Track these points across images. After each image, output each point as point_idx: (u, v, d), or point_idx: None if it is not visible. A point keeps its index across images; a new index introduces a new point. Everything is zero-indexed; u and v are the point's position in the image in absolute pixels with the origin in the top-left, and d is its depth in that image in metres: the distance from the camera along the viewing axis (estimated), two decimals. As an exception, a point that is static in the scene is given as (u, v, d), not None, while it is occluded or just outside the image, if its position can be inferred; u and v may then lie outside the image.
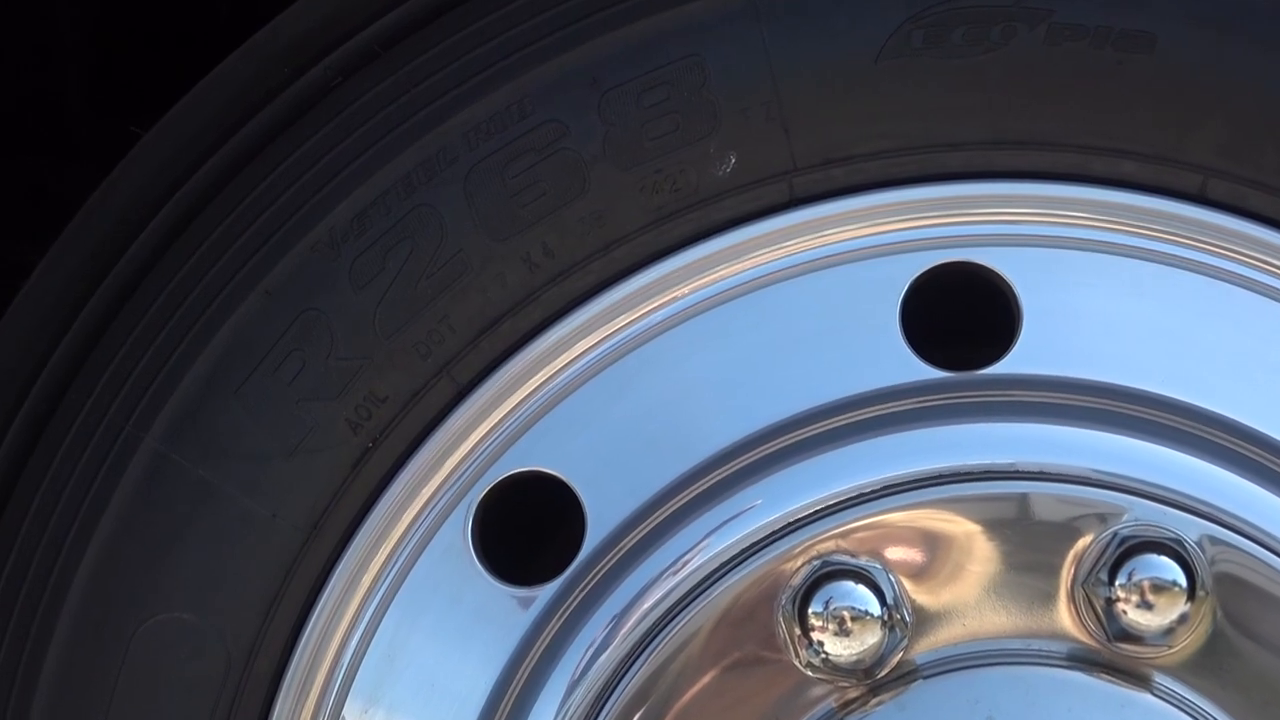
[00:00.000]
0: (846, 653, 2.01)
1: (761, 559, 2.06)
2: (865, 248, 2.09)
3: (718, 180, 2.06)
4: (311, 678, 2.09)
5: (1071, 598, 2.06)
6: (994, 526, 2.06)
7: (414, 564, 2.10)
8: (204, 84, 2.12)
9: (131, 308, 2.12)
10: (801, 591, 2.04)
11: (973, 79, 2.04)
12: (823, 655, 2.02)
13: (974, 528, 2.06)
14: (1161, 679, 2.04)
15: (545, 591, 2.09)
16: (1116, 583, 2.02)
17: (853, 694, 2.04)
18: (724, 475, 2.08)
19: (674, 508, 2.08)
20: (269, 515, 2.09)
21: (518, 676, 2.07)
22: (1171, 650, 2.03)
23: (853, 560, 2.05)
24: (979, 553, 2.07)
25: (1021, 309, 2.08)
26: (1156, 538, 2.02)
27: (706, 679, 2.05)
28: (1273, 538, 2.03)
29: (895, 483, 2.06)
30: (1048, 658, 2.04)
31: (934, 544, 2.07)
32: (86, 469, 2.12)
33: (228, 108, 2.11)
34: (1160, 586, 2.01)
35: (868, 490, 2.06)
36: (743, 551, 2.06)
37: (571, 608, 2.08)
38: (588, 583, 2.09)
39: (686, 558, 2.07)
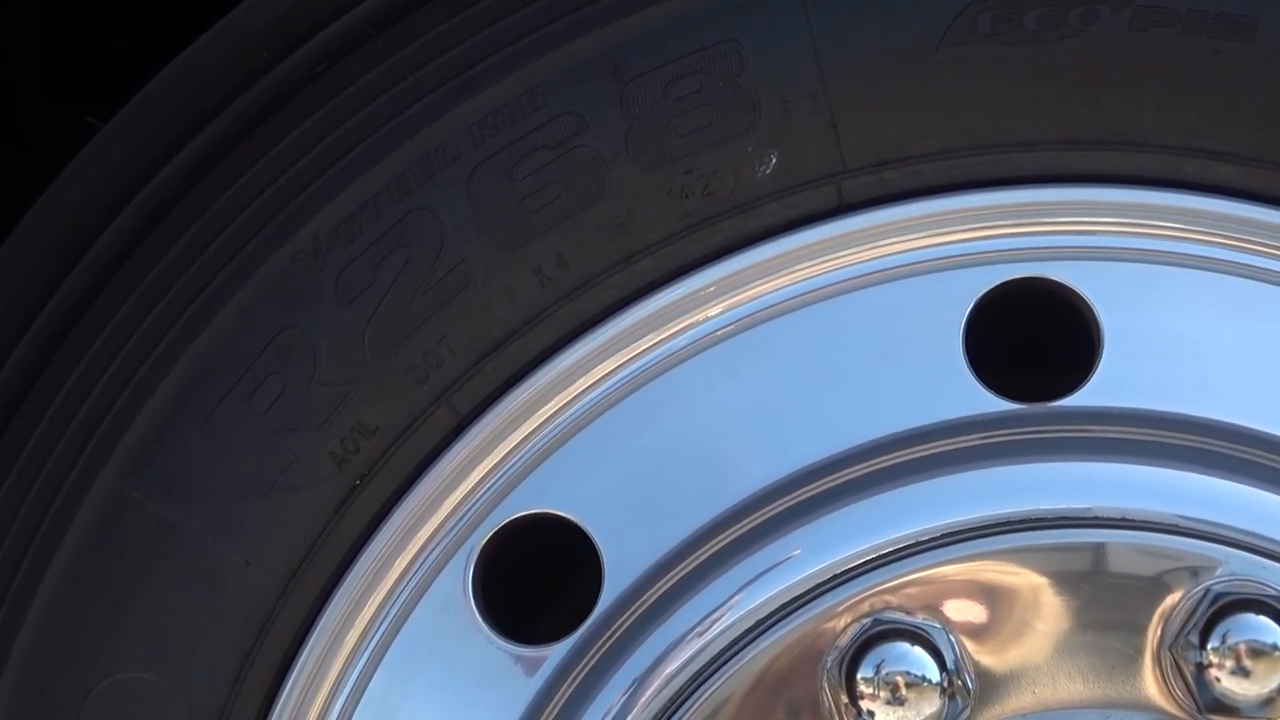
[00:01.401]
0: (901, 724, 1.99)
1: (803, 616, 2.03)
2: (924, 261, 2.06)
3: (756, 183, 2.04)
4: (289, 750, 2.11)
5: (1157, 662, 2.02)
6: (1068, 580, 2.02)
7: (407, 618, 2.08)
8: (170, 69, 2.10)
9: (86, 324, 2.11)
10: (849, 654, 2.00)
11: (1047, 69, 2.02)
12: (873, 727, 2.00)
13: (1045, 582, 2.02)
14: (1259, 756, 2.01)
15: (555, 652, 2.07)
16: (1209, 646, 1.98)
17: (907, 770, 2.02)
18: (761, 521, 2.05)
19: (703, 557, 2.05)
20: (241, 561, 2.08)
21: (524, 750, 2.08)
22: (1271, 724, 2.01)
23: (908, 618, 2.01)
24: (1051, 610, 2.03)
25: (1102, 332, 2.04)
26: (1255, 595, 1.99)
27: (740, 754, 2.04)
28: (1387, 596, 2.00)
29: (956, 530, 2.03)
30: (1129, 731, 2.03)
31: (1000, 600, 2.03)
32: (34, 507, 2.12)
33: (197, 96, 2.09)
34: (1259, 650, 1.97)
35: (925, 538, 2.02)
36: (782, 608, 2.03)
37: (585, 671, 2.06)
38: (604, 642, 2.06)
39: (717, 615, 2.04)
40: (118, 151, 2.09)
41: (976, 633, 2.01)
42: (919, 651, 1.97)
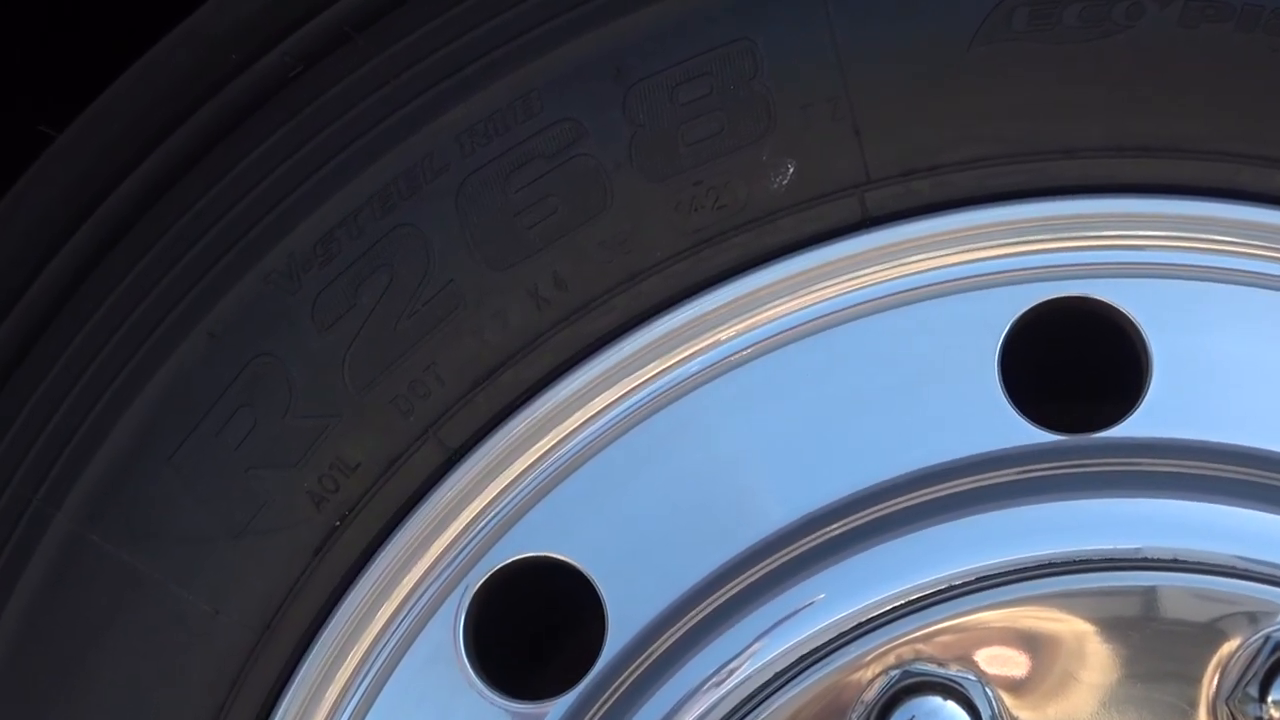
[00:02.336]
0: (933, 784, 2.03)
1: (826, 668, 2.00)
2: (956, 280, 2.03)
3: (772, 195, 2.02)
4: (262, 819, 2.14)
5: (1213, 716, 2.00)
6: (1115, 628, 2.00)
7: (392, 672, 2.06)
8: (131, 74, 2.09)
9: (39, 354, 2.10)
10: (877, 708, 1.98)
11: (1090, 69, 1.99)
12: (904, 787, 2.03)
13: (1090, 629, 2.00)
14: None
15: (555, 708, 2.05)
16: (1269, 699, 1.96)
17: (941, 836, 2.06)
18: (780, 563, 2.03)
19: (717, 603, 2.02)
20: (210, 611, 2.06)
21: (520, 817, 2.11)
22: (1337, 784, 2.02)
23: (940, 670, 1.99)
24: (1096, 661, 2.00)
25: (1150, 356, 2.01)
26: (1320, 643, 2.02)
27: (758, 818, 2.07)
28: None
29: (993, 573, 1.99)
30: (1182, 792, 2.05)
31: (1041, 650, 2.00)
32: (-14, 552, 2.15)
33: (159, 104, 2.08)
34: (1324, 703, 2.01)
35: (959, 582, 1.99)
36: (803, 658, 2.00)
37: (588, 730, 2.09)
38: (609, 697, 2.04)
39: (733, 666, 2.01)
40: (74, 165, 2.08)
41: (1015, 685, 2.00)
42: (952, 706, 1.96)
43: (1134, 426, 2.00)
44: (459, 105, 2.02)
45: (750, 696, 1.99)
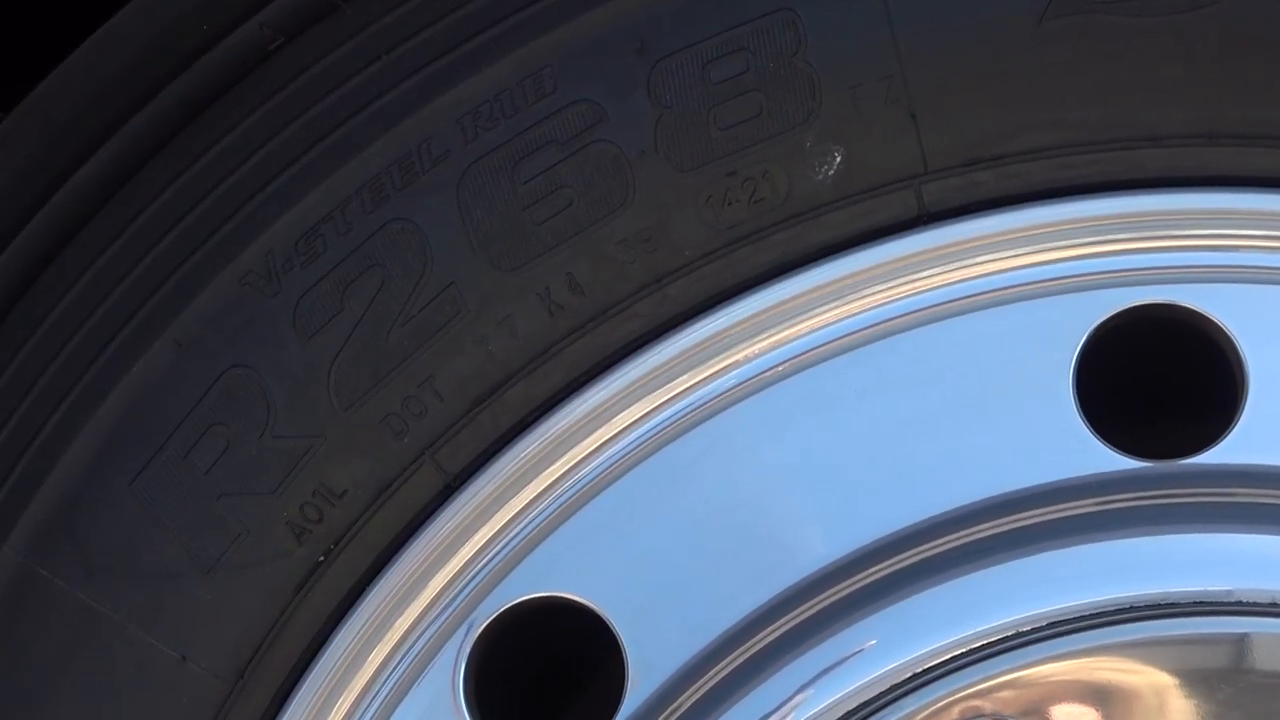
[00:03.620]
0: None
1: None
2: (1025, 284, 1.95)
3: (816, 187, 1.94)
4: None
5: None
6: (1203, 681, 1.93)
7: None
8: (86, 49, 2.04)
9: None
10: None
11: (1177, 46, 1.92)
12: None
13: (1174, 682, 1.93)
14: None
15: None
16: None
17: None
18: (824, 606, 1.97)
19: (753, 651, 1.97)
20: (177, 657, 2.01)
21: None
22: None
23: None
24: (1181, 717, 1.93)
25: (1245, 372, 1.94)
26: None
27: None
28: None
29: (1066, 618, 1.92)
30: None
31: (1117, 705, 1.93)
32: (-79, 589, 2.13)
33: (119, 83, 2.03)
34: None
35: (1027, 628, 1.92)
36: (852, 713, 1.94)
37: (606, 793, 2.08)
38: None
39: None
40: (23, 150, 2.04)
41: (1090, 744, 1.99)
42: (1019, 767, 1.96)
43: (1226, 452, 1.93)
44: (460, 85, 1.97)
45: (793, 756, 1.99)
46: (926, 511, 1.96)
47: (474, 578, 2.01)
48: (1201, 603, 1.91)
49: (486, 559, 2.01)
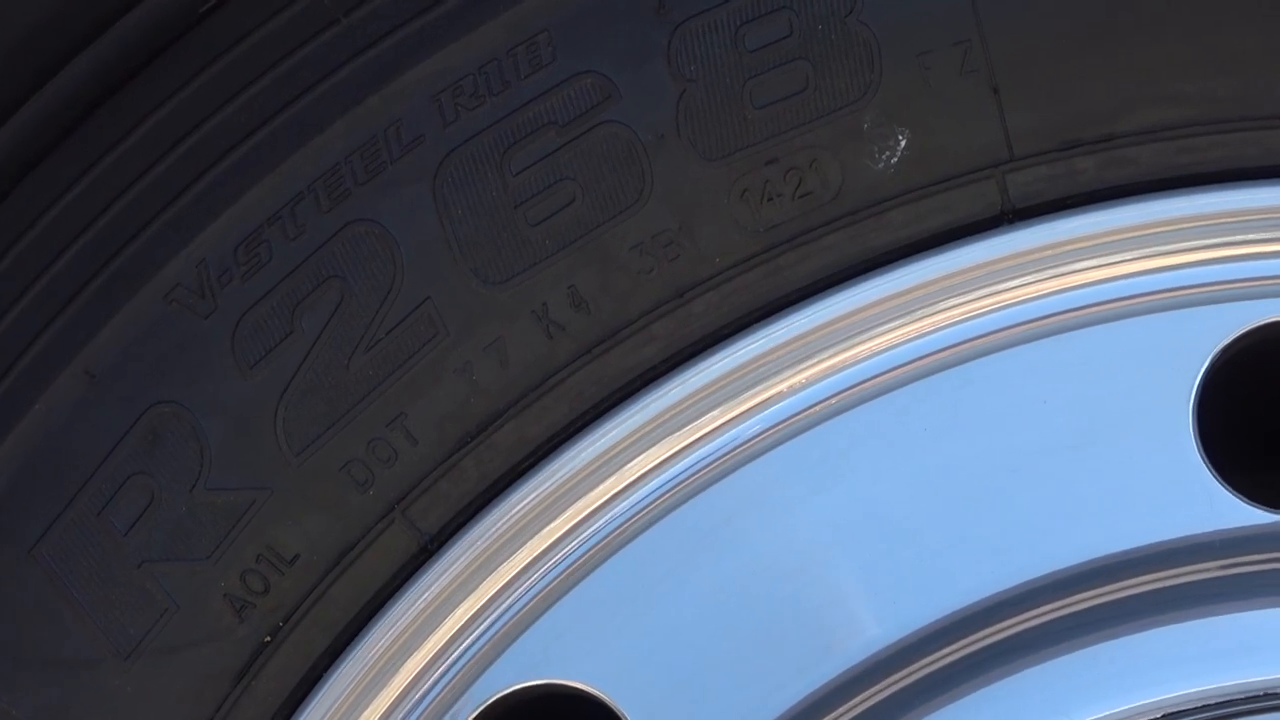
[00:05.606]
0: None
1: None
2: (1134, 297, 1.80)
3: (876, 178, 1.80)
4: None
5: None
6: None
7: None
8: None
9: None
10: None
11: None
12: None
13: None
14: None
15: None
16: None
17: None
18: (877, 701, 1.82)
19: None
20: None
21: None
22: None
23: None
24: None
25: None
26: None
27: None
28: None
29: (1186, 707, 1.75)
30: None
31: None
32: None
33: (16, 56, 1.88)
34: None
35: None
36: None
37: None
38: None
39: None
40: None
41: None
42: None
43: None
44: (437, 53, 1.84)
45: None
46: (1010, 579, 1.80)
47: (456, 663, 1.87)
48: (1358, 690, 1.87)
49: (471, 639, 1.86)
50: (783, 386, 1.84)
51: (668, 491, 1.86)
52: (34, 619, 1.87)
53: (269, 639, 1.87)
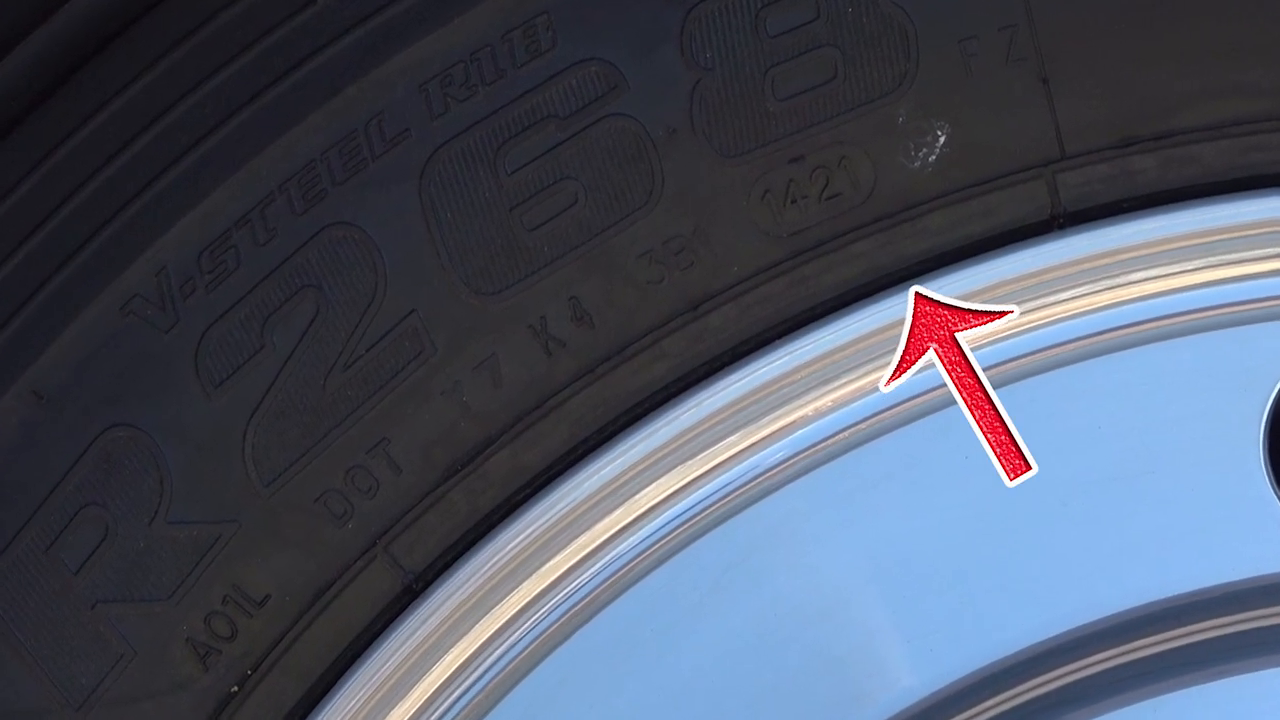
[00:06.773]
0: None
1: None
2: (1196, 312, 1.73)
3: (912, 178, 1.73)
4: None
5: None
6: None
7: None
8: None
9: None
10: None
11: None
12: None
13: None
14: None
15: None
16: None
17: None
18: None
19: None
20: None
21: None
22: None
23: None
24: None
25: None
26: None
27: None
28: None
29: None
30: None
31: None
32: None
33: None
34: None
35: None
36: None
37: None
38: None
39: None
40: None
41: None
42: None
43: None
44: (423, 38, 1.75)
45: None
46: (1059, 624, 1.73)
47: (443, 717, 1.78)
48: None
49: (460, 690, 1.78)
50: (808, 409, 1.77)
51: (679, 526, 1.79)
52: (-28, 667, 1.85)
53: (236, 689, 1.80)
